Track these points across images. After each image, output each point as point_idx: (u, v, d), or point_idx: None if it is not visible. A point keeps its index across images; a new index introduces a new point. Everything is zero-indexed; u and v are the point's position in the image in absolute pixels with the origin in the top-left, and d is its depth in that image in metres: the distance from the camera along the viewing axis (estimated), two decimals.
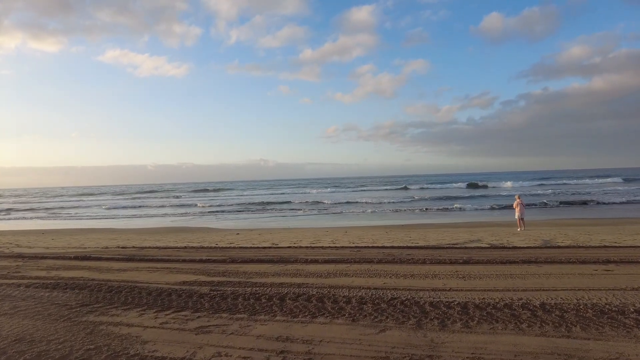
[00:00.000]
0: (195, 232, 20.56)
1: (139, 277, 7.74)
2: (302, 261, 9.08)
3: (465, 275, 7.11)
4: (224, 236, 17.67)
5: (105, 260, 10.21)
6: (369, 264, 8.57)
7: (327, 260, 9.02)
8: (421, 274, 7.29)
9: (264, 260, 9.28)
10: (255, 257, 9.78)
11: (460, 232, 15.95)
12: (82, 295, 6.41)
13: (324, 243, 13.43)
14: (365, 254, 10.26)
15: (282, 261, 9.19)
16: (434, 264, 8.44)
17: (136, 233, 20.82)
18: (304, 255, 10.18)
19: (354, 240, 14.37)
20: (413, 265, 8.28)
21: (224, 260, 9.55)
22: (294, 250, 11.35)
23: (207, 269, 8.38)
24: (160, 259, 9.98)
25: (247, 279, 7.28)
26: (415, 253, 10.20)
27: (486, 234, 15.07)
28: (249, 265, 8.86)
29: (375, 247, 11.69)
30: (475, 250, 10.61)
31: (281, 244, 13.61)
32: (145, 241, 16.17)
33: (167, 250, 12.08)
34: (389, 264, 8.47)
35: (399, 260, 8.88)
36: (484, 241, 13.04)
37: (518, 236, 14.23)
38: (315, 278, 7.20)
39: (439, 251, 10.62)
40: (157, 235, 18.93)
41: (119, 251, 12.16)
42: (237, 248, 12.31)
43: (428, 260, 8.81)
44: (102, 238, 18.04)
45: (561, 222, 20.59)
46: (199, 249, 12.31)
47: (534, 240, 12.81)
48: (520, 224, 16.34)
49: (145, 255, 10.98)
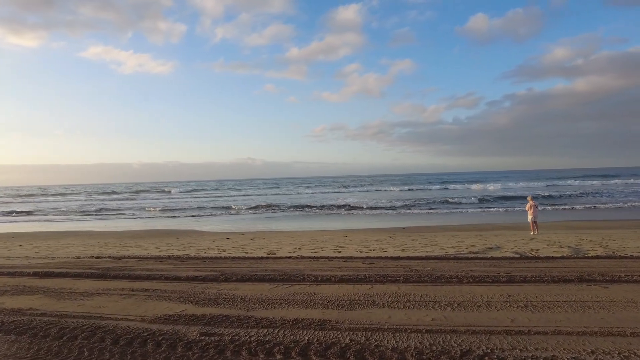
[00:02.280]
0: (180, 237, 18.54)
1: (108, 306, 5.86)
2: (311, 279, 7.30)
3: (526, 304, 5.42)
4: (212, 241, 15.75)
5: (71, 277, 8.25)
6: (394, 284, 6.86)
7: (341, 278, 7.27)
8: (470, 302, 5.58)
9: (264, 279, 7.49)
10: (252, 274, 7.98)
11: (472, 237, 14.38)
12: (16, 348, 4.41)
13: (327, 251, 11.66)
14: (381, 267, 8.55)
15: (286, 279, 7.41)
16: (472, 284, 6.77)
17: (116, 237, 18.70)
18: (310, 270, 8.40)
19: (358, 247, 12.65)
20: (450, 286, 6.60)
21: (215, 277, 7.71)
22: (296, 262, 9.56)
23: (195, 293, 6.54)
24: (138, 276, 8.08)
25: (247, 310, 5.46)
26: (440, 266, 8.53)
27: (501, 239, 13.53)
28: (246, 286, 7.05)
29: (389, 257, 9.98)
30: (505, 262, 9.00)
31: (279, 252, 11.80)
32: (125, 248, 14.16)
33: (148, 262, 10.16)
34: (419, 285, 6.76)
35: (427, 278, 7.18)
36: (505, 248, 11.47)
37: (537, 241, 12.72)
38: (337, 310, 5.42)
39: (464, 263, 8.98)
40: (139, 240, 16.88)
41: (91, 263, 10.18)
42: (230, 259, 10.45)
43: (463, 277, 7.14)
44: (77, 244, 15.91)
45: (569, 224, 19.26)
46: (185, 260, 10.42)
47: (560, 248, 11.29)
48: (533, 227, 14.88)
49: (121, 269, 9.06)
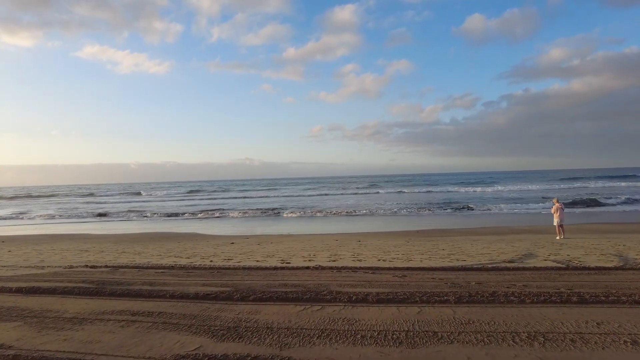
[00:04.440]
0: (182, 241, 17.22)
1: (102, 341, 4.58)
2: (343, 299, 6.06)
3: (633, 338, 4.25)
4: (216, 246, 14.47)
5: (60, 294, 6.95)
6: (445, 305, 5.64)
7: (379, 297, 6.04)
8: (556, 334, 4.34)
9: (287, 297, 6.24)
10: (271, 290, 6.73)
11: (495, 242, 13.20)
12: None
13: (346, 260, 10.42)
14: (417, 281, 7.33)
15: (313, 298, 6.16)
16: (537, 304, 5.55)
17: (114, 241, 17.35)
18: (336, 284, 7.16)
19: (378, 254, 11.43)
20: (512, 308, 5.39)
21: (229, 295, 6.45)
22: (317, 274, 8.32)
23: (208, 318, 5.29)
24: (138, 292, 6.81)
25: (280, 349, 4.19)
26: (485, 280, 7.32)
27: (529, 245, 12.36)
28: (268, 307, 5.81)
29: (420, 268, 8.76)
30: (554, 274, 7.81)
31: (293, 260, 10.55)
32: (123, 255, 12.84)
33: (148, 273, 8.88)
34: (475, 307, 5.55)
35: (480, 297, 5.96)
36: (540, 256, 10.28)
37: (571, 247, 11.57)
38: (396, 347, 4.15)
39: (509, 275, 7.78)
40: (138, 245, 15.55)
41: (84, 274, 8.88)
42: (240, 269, 9.19)
43: (521, 295, 5.91)
44: (72, 249, 14.56)
45: (591, 227, 18.17)
46: (190, 271, 9.15)
47: (603, 256, 10.12)
48: (559, 231, 13.73)
49: (119, 282, 7.77)
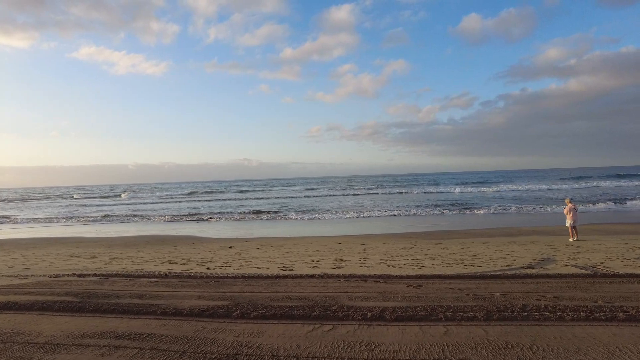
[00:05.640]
0: (178, 244, 16.42)
1: None
2: (357, 316, 5.31)
3: None
4: (214, 251, 13.68)
5: (38, 310, 6.15)
6: (472, 323, 4.89)
7: (397, 314, 5.28)
8: None
9: (293, 314, 5.48)
10: (274, 304, 5.97)
11: (507, 245, 12.48)
12: None
13: (353, 266, 9.67)
14: (435, 293, 6.57)
15: (322, 315, 5.41)
16: (580, 323, 4.82)
17: (106, 245, 16.52)
18: (346, 297, 6.40)
19: (385, 259, 10.68)
20: (553, 327, 4.65)
21: (227, 311, 5.68)
22: (323, 283, 7.55)
23: (203, 342, 4.51)
24: (127, 307, 6.02)
25: None
26: (509, 290, 6.57)
27: (543, 248, 11.64)
28: (272, 327, 5.04)
29: (435, 276, 8.01)
30: (583, 283, 7.08)
31: (295, 267, 9.78)
32: (114, 260, 12.04)
33: (140, 283, 8.09)
34: (508, 325, 4.81)
35: (511, 313, 5.22)
36: (559, 260, 9.55)
37: (588, 250, 10.85)
38: None
39: (534, 284, 7.03)
40: (132, 250, 14.74)
41: (69, 285, 8.08)
42: (240, 278, 8.41)
43: (557, 310, 5.20)
44: (61, 254, 13.74)
45: (600, 228, 17.47)
46: (185, 280, 8.37)
47: (627, 260, 9.42)
48: (572, 232, 13.03)
49: (106, 294, 6.98)
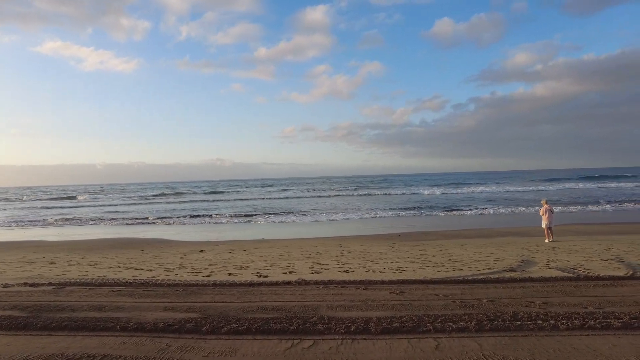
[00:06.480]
0: (145, 248, 15.50)
1: None
2: (340, 330, 4.82)
3: None
4: (183, 255, 12.91)
5: None
6: (464, 335, 4.51)
7: (383, 326, 4.84)
8: None
9: (270, 328, 4.94)
10: (248, 316, 5.41)
11: (485, 247, 12.32)
12: None
13: (331, 271, 9.19)
14: (420, 300, 6.18)
15: (301, 329, 4.89)
16: (576, 332, 4.50)
17: (68, 250, 15.40)
18: (326, 306, 5.91)
19: (364, 262, 10.26)
20: (548, 338, 4.31)
21: (196, 325, 5.08)
22: (301, 291, 7.03)
23: None
24: (82, 323, 5.29)
25: None
26: (495, 296, 6.25)
27: (521, 249, 11.54)
28: (246, 343, 4.49)
29: (417, 281, 7.62)
30: (569, 287, 6.86)
31: (271, 273, 9.20)
32: (75, 267, 11.10)
33: (100, 293, 7.31)
34: (501, 336, 4.44)
35: (499, 321, 4.88)
36: (539, 263, 9.42)
37: (565, 252, 10.80)
38: None
39: (519, 289, 6.75)
40: (95, 254, 13.75)
41: (18, 297, 7.21)
42: (210, 286, 7.77)
43: (551, 319, 4.90)
44: (16, 261, 12.61)
45: (574, 229, 17.74)
46: (150, 288, 7.64)
47: (604, 261, 9.35)
48: (548, 233, 13.05)
49: (59, 307, 6.21)
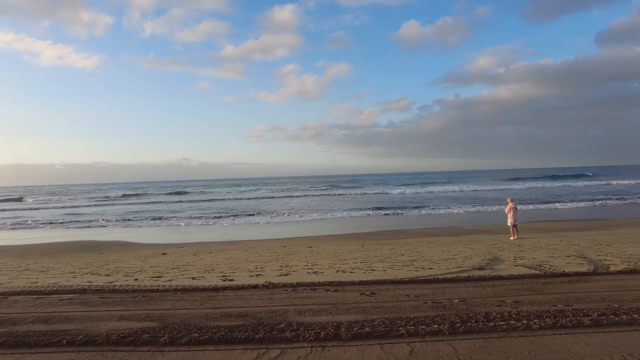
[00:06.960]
0: (105, 251, 14.66)
1: None
2: (310, 337, 4.55)
3: None
4: (145, 259, 12.26)
5: None
6: (437, 338, 4.34)
7: (354, 331, 4.62)
8: None
9: (234, 337, 4.59)
10: (211, 324, 5.05)
11: (453, 245, 12.41)
12: None
13: (300, 272, 8.90)
14: (391, 301, 6.01)
15: (267, 338, 4.59)
16: (548, 332, 4.43)
17: (17, 255, 14.32)
18: (294, 311, 5.63)
19: (334, 262, 10.05)
20: (522, 338, 4.21)
21: (154, 336, 4.66)
22: (268, 295, 6.70)
23: None
24: (21, 340, 4.72)
25: None
26: (466, 296, 6.17)
27: (488, 247, 11.68)
28: (207, 356, 4.13)
29: (387, 281, 7.47)
30: (537, 284, 6.89)
31: (237, 276, 8.80)
32: (24, 273, 10.26)
33: (49, 302, 6.68)
34: (476, 339, 4.30)
35: (473, 322, 4.76)
36: (509, 261, 9.46)
37: (530, 249, 11.01)
38: None
39: (490, 287, 6.71)
40: (49, 259, 12.83)
41: None
42: (172, 291, 7.30)
43: (522, 318, 4.83)
44: None
45: (537, 226, 18.26)
46: (106, 295, 7.09)
47: (567, 258, 9.56)
48: (513, 231, 13.32)
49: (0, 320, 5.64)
